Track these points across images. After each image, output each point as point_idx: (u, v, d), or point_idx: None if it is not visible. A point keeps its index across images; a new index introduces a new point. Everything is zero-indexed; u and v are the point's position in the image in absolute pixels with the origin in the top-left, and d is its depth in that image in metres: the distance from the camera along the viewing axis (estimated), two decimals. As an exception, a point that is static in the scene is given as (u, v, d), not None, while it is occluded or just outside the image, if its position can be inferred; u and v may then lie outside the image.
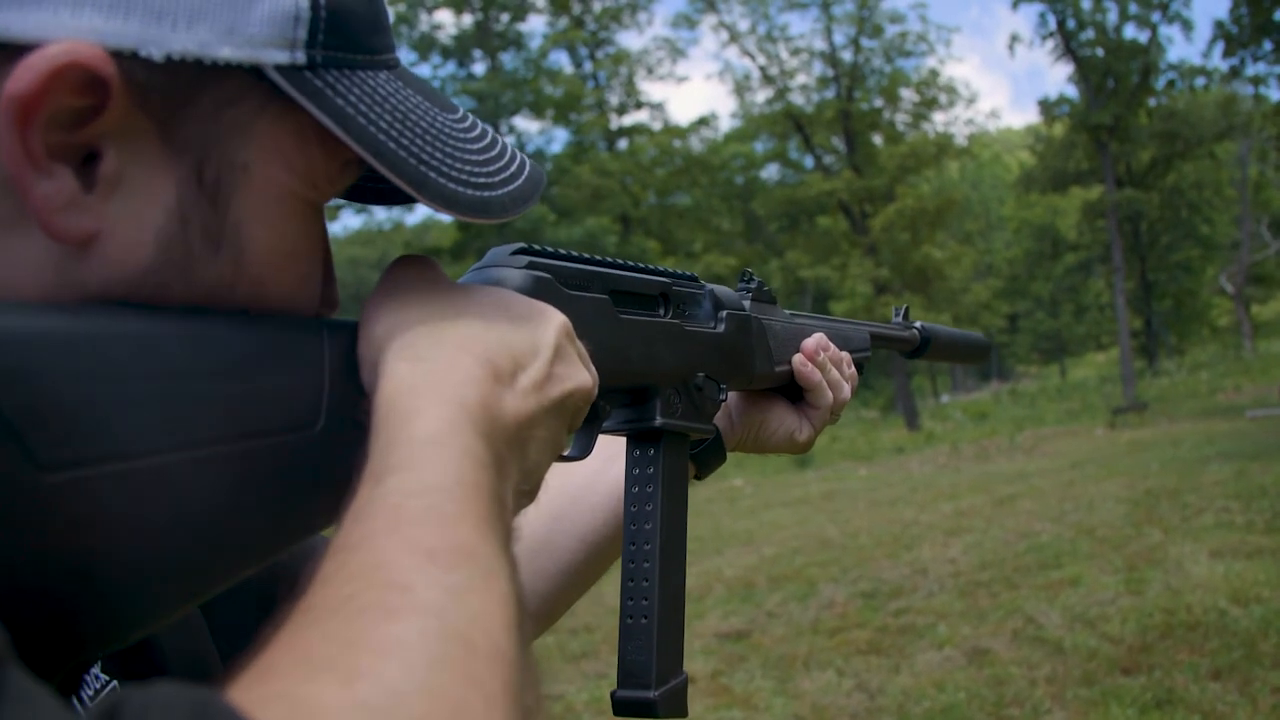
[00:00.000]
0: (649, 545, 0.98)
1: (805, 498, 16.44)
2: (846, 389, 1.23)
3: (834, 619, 7.88)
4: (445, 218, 0.85)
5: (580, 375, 0.74)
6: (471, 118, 0.74)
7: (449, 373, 0.63)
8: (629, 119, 43.94)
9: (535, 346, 0.70)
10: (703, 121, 44.12)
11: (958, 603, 7.87)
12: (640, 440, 1.01)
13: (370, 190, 0.77)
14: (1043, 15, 38.11)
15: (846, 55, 40.28)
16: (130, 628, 0.58)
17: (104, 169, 0.57)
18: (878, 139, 41.46)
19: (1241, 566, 7.68)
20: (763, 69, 41.01)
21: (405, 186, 0.65)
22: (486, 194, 0.69)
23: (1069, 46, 37.86)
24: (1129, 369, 34.44)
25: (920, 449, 25.00)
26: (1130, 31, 37.61)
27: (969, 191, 62.27)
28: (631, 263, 0.96)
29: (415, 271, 0.73)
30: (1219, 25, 31.28)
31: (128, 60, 0.55)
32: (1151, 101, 40.42)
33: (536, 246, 0.85)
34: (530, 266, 0.82)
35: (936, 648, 6.74)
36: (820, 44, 40.88)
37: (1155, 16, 37.61)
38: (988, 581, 8.44)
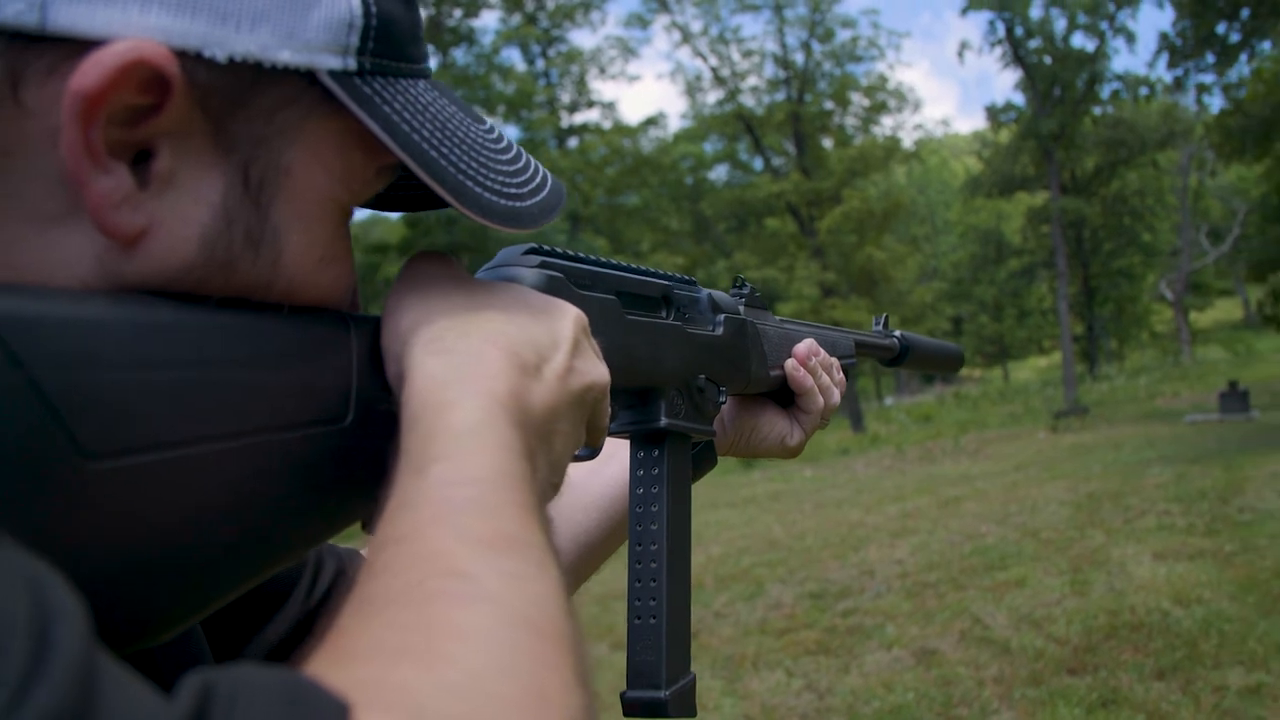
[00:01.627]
0: (655, 545, 0.98)
1: (752, 498, 16.51)
2: (836, 394, 1.25)
3: (782, 619, 7.92)
4: (394, 215, 0.85)
5: (598, 369, 0.75)
6: (498, 129, 0.75)
7: (478, 365, 0.63)
8: (580, 117, 43.83)
9: (555, 339, 0.71)
10: (652, 121, 44.13)
11: (905, 603, 7.93)
12: (645, 441, 1.02)
13: (385, 196, 0.78)
14: (992, 23, 38.53)
15: (798, 58, 40.46)
16: (172, 621, 0.58)
17: (157, 167, 0.57)
18: (827, 142, 41.68)
19: (1183, 568, 7.80)
20: (714, 70, 41.10)
21: (445, 194, 0.65)
22: (517, 204, 0.70)
23: (1017, 54, 38.29)
24: (1070, 373, 34.87)
25: (865, 451, 25.16)
26: (1078, 40, 38.13)
27: (915, 195, 62.81)
28: (634, 265, 0.97)
29: (435, 266, 0.73)
30: (1164, 37, 31.77)
31: (191, 60, 0.55)
32: (1096, 110, 41.00)
33: (546, 247, 0.86)
34: (542, 266, 0.83)
35: (885, 648, 6.79)
36: (772, 46, 41.04)
37: (1103, 26, 38.13)
38: (935, 582, 8.51)
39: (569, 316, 0.74)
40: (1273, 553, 8.01)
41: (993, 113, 42.41)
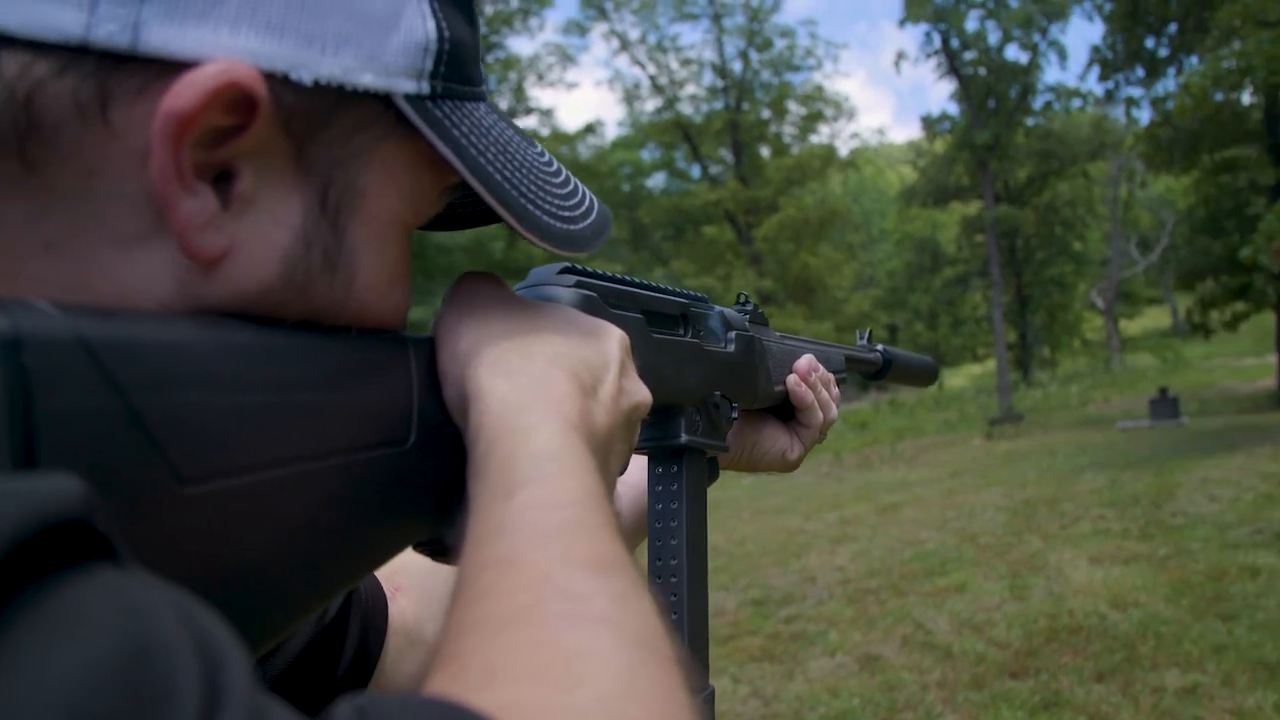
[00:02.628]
0: (675, 560, 0.99)
1: (692, 505, 16.51)
2: (834, 408, 1.27)
3: (726, 626, 7.94)
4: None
5: (642, 389, 0.77)
6: (548, 153, 0.76)
7: (547, 388, 0.65)
8: (518, 124, 43.50)
9: (606, 360, 0.73)
10: (590, 129, 44.17)
11: (847, 609, 8.00)
12: (664, 458, 1.03)
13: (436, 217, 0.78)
14: (929, 34, 38.88)
15: (736, 67, 40.77)
16: (254, 648, 0.58)
17: (239, 188, 0.57)
18: (765, 151, 41.93)
19: (1119, 572, 7.95)
20: (652, 78, 41.30)
21: (509, 218, 0.66)
22: (571, 228, 0.71)
23: (953, 65, 38.63)
24: (1005, 381, 35.18)
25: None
26: (1012, 53, 38.60)
27: (851, 204, 63.21)
28: (653, 283, 0.98)
29: (487, 287, 0.75)
30: (1095, 50, 32.27)
31: (277, 82, 0.56)
32: (1029, 121, 41.47)
33: (578, 266, 0.87)
34: (578, 285, 0.84)
35: (829, 654, 6.84)
36: (710, 55, 41.35)
37: (1035, 38, 38.64)
38: (876, 589, 8.59)
39: (615, 338, 0.76)
40: (1205, 556, 8.19)
41: (928, 123, 42.75)
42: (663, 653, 0.50)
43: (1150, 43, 30.93)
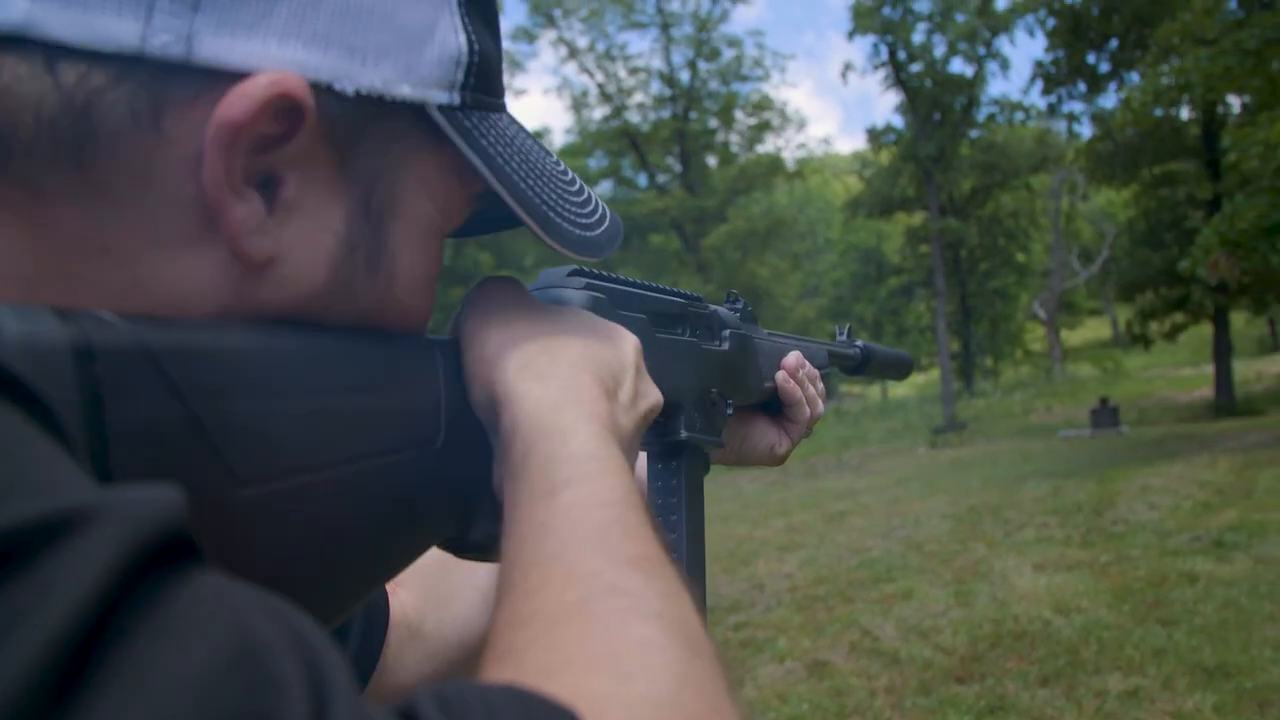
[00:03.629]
0: (676, 553, 0.99)
1: (640, 513, 16.53)
2: (821, 404, 1.29)
3: (676, 632, 7.95)
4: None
5: (655, 391, 0.80)
6: (564, 163, 0.78)
7: (578, 391, 0.68)
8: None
9: (623, 363, 0.76)
10: (537, 136, 43.97)
11: (796, 616, 8.04)
12: (664, 454, 1.05)
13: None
14: (876, 46, 39.20)
15: (684, 76, 40.84)
16: None
17: (284, 194, 0.59)
18: (711, 160, 42.05)
19: (1062, 579, 8.07)
20: (600, 86, 41.31)
21: (532, 225, 0.69)
22: (588, 234, 0.73)
23: (899, 77, 39.02)
24: (949, 390, 35.50)
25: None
26: (957, 66, 39.01)
27: (797, 214, 63.46)
28: (654, 284, 1.00)
29: (507, 291, 0.77)
30: (1038, 65, 32.66)
31: (322, 92, 0.58)
32: (973, 134, 41.89)
33: (587, 269, 0.89)
34: (588, 288, 0.87)
35: (778, 660, 6.88)
36: (658, 64, 41.43)
37: (980, 51, 39.08)
38: (824, 595, 8.63)
39: (629, 341, 0.79)
40: (1145, 562, 8.33)
41: (873, 134, 43.04)
42: (708, 647, 0.52)
43: (1092, 58, 31.39)
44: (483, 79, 0.67)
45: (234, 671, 0.33)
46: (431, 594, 1.05)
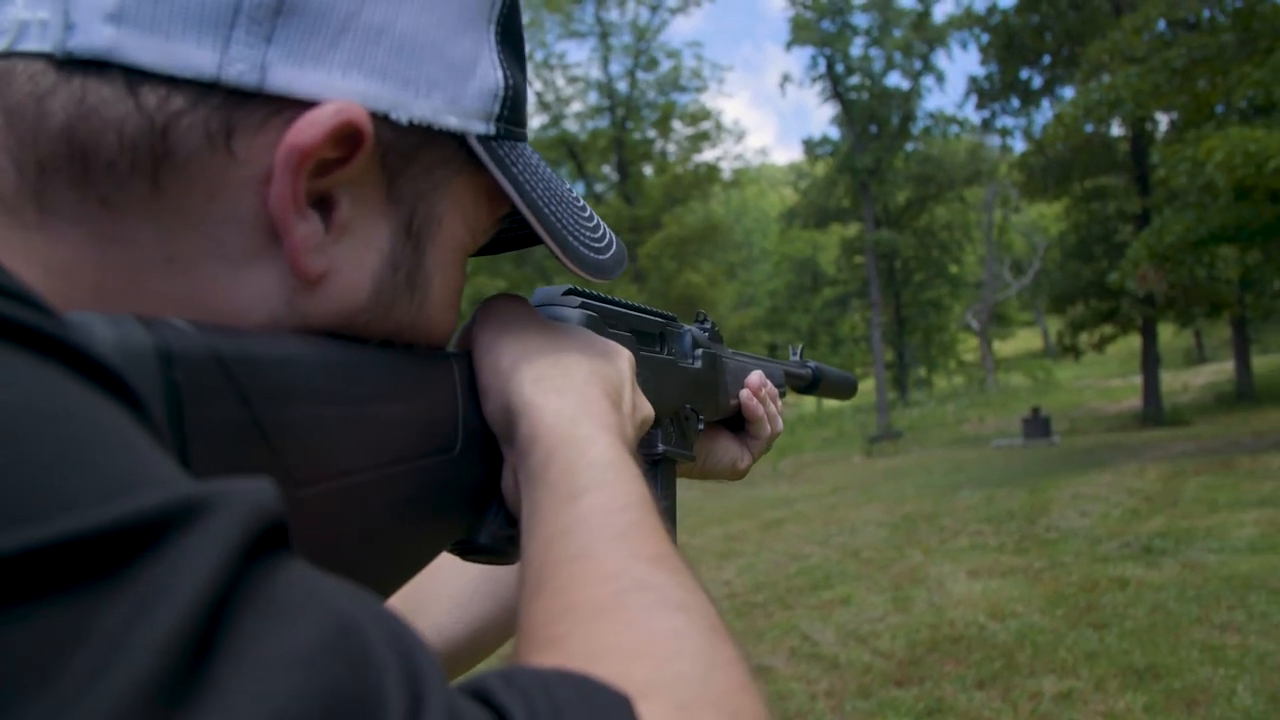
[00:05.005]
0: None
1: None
2: (780, 421, 1.34)
3: (617, 639, 7.99)
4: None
5: (647, 404, 0.85)
6: (575, 190, 0.83)
7: (590, 403, 0.72)
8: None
9: (623, 378, 0.80)
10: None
11: (736, 622, 8.07)
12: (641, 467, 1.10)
13: None
14: (814, 58, 39.55)
15: (622, 86, 40.87)
16: None
17: (338, 215, 0.62)
18: (648, 170, 42.12)
19: (996, 584, 8.21)
20: (538, 95, 41.22)
21: (554, 246, 0.73)
22: (600, 257, 0.78)
23: (837, 90, 39.38)
24: (883, 399, 35.86)
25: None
26: (894, 80, 39.44)
27: (733, 224, 63.68)
28: (635, 304, 1.05)
29: (517, 308, 0.82)
30: (973, 80, 33.15)
31: (378, 120, 0.61)
32: (909, 146, 42.35)
33: (580, 288, 0.93)
34: (583, 307, 0.91)
35: (719, 665, 6.92)
36: (597, 74, 41.42)
37: (916, 65, 39.55)
38: (763, 602, 8.71)
39: (625, 357, 0.83)
40: (1077, 568, 8.50)
41: (810, 146, 43.39)
42: (728, 634, 0.56)
43: (1025, 74, 31.90)
44: (514, 111, 0.71)
45: (336, 651, 0.36)
46: (406, 602, 1.07)
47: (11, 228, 0.55)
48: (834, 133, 43.90)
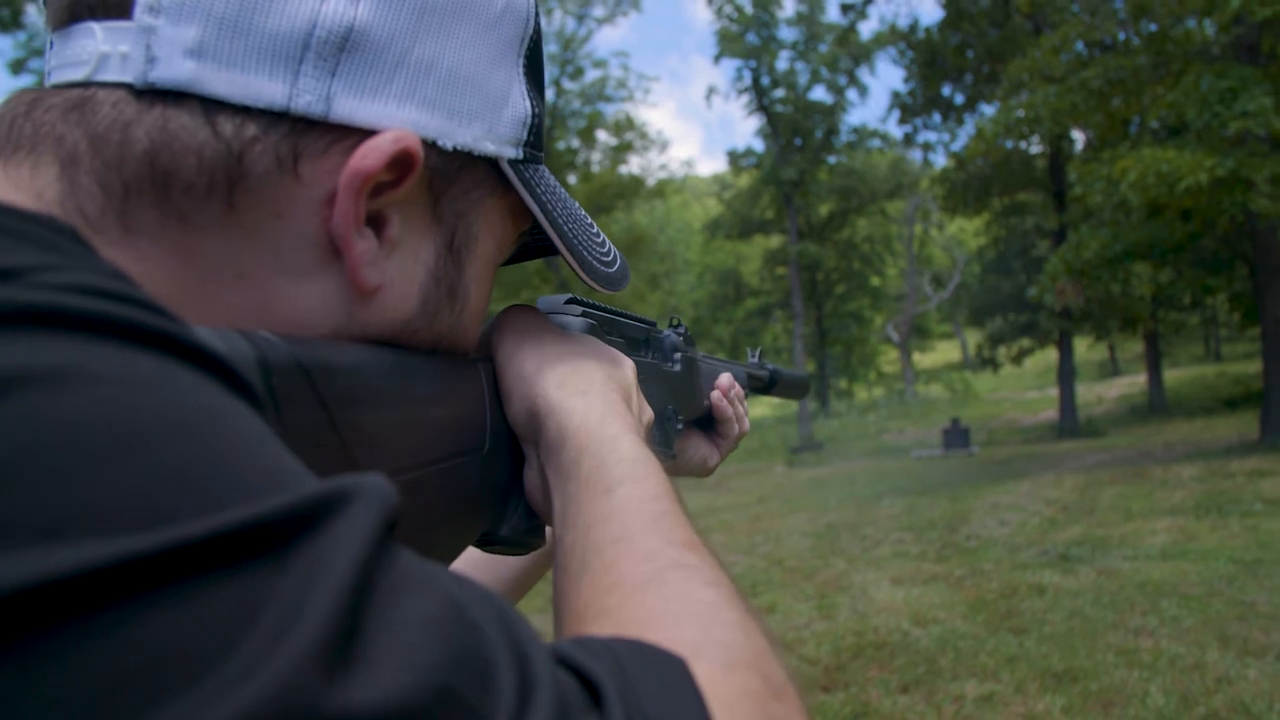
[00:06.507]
0: None
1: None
2: (746, 421, 1.40)
3: (546, 645, 7.99)
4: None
5: (649, 408, 0.91)
6: (583, 209, 0.88)
7: (612, 404, 0.79)
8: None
9: (630, 383, 0.87)
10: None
11: (664, 629, 8.12)
12: None
13: None
14: (740, 70, 39.75)
15: (548, 95, 40.69)
16: None
17: (389, 233, 0.67)
18: (573, 179, 42.05)
19: (919, 592, 8.31)
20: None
21: (571, 261, 0.79)
22: (609, 270, 0.84)
23: (762, 102, 39.61)
24: (805, 410, 35.96)
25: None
26: (819, 93, 39.79)
27: (656, 234, 63.71)
28: (624, 311, 1.11)
29: (533, 318, 0.88)
30: (895, 95, 33.53)
31: (428, 147, 0.67)
32: (832, 159, 42.66)
33: (580, 298, 0.99)
34: (584, 315, 0.96)
35: (648, 671, 6.95)
36: (523, 82, 41.03)
37: (841, 80, 39.92)
38: (690, 609, 8.75)
39: (629, 363, 0.90)
40: (997, 576, 8.63)
41: (734, 157, 43.52)
42: (754, 609, 0.61)
43: (947, 90, 32.33)
44: (537, 136, 0.77)
45: (453, 618, 0.41)
46: None
47: (98, 245, 0.58)
48: (759, 145, 44.22)
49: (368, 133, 0.64)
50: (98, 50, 0.60)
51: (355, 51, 0.63)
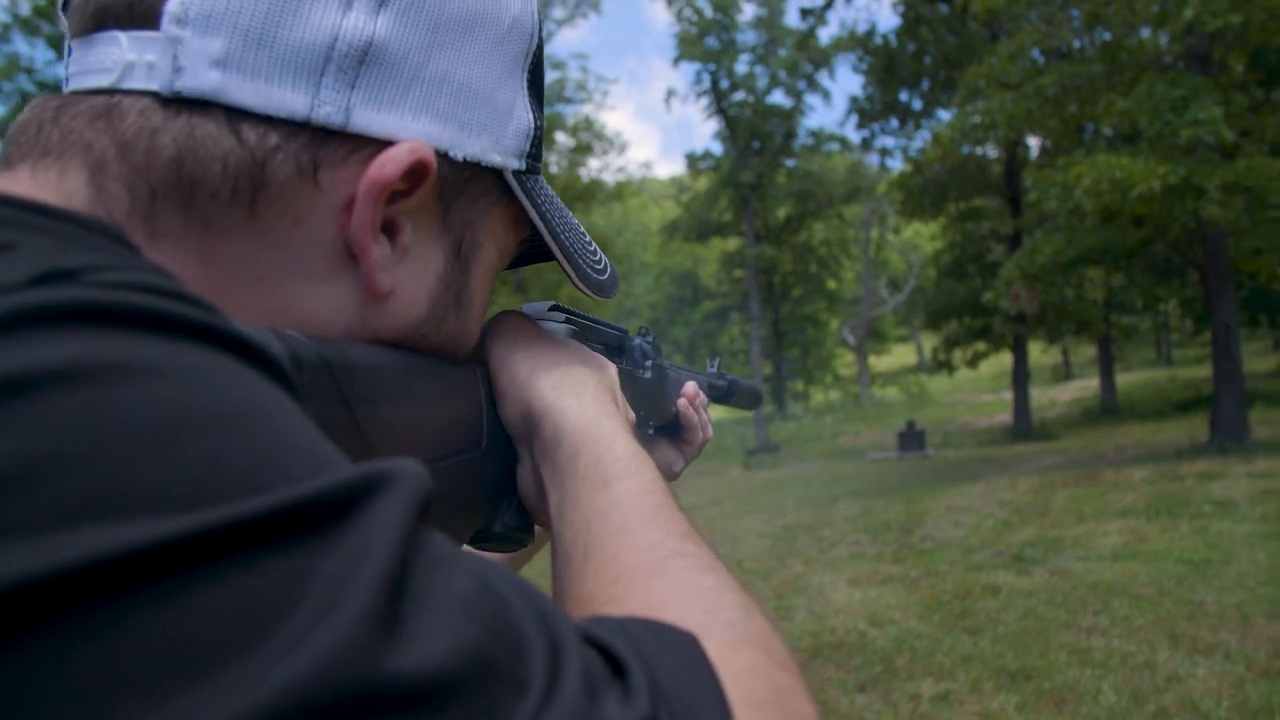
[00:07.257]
0: None
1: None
2: (710, 428, 1.42)
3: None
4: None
5: (630, 410, 0.94)
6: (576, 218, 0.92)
7: (604, 405, 0.82)
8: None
9: (615, 386, 0.90)
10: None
11: (622, 629, 8.12)
12: None
13: None
14: (699, 74, 39.80)
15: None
16: None
17: (401, 239, 0.69)
18: (533, 181, 41.81)
19: (875, 593, 8.35)
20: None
21: (568, 269, 0.81)
22: (600, 278, 0.87)
23: (721, 105, 39.68)
24: (761, 412, 36.03)
25: None
26: (777, 97, 39.92)
27: (614, 236, 63.70)
28: (600, 319, 1.11)
29: (523, 324, 0.91)
30: (854, 100, 33.72)
31: (440, 157, 0.69)
32: (790, 163, 42.78)
33: (562, 305, 1.00)
34: (567, 322, 0.99)
35: (607, 671, 6.95)
36: (482, 83, 40.87)
37: (800, 85, 40.07)
38: (648, 610, 8.75)
39: (612, 368, 0.92)
40: (952, 577, 8.70)
41: (693, 160, 43.54)
42: (751, 593, 0.63)
43: (905, 96, 32.54)
44: (538, 148, 0.79)
45: (486, 593, 0.43)
46: None
47: None
48: (717, 148, 44.26)
49: (384, 143, 0.66)
50: (123, 59, 0.61)
51: (374, 65, 0.65)
